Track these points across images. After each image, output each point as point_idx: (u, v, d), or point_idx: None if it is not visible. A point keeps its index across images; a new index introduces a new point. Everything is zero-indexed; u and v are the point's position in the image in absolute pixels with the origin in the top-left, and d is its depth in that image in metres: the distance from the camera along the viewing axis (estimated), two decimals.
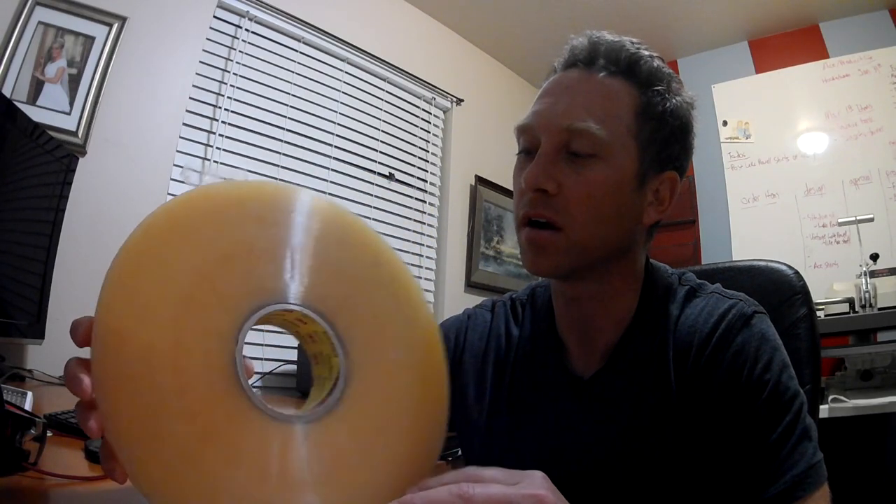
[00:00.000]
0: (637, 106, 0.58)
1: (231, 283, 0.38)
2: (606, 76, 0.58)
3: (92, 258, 1.51)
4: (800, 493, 0.50)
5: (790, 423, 0.52)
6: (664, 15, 2.67)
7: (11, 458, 0.47)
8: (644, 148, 0.58)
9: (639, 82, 0.59)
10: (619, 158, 0.57)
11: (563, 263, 0.58)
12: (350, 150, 2.27)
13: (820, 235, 2.46)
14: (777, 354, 0.55)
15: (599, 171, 0.56)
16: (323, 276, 0.42)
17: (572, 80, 0.59)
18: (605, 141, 0.56)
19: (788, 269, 0.77)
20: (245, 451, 0.36)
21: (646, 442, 0.57)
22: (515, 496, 0.35)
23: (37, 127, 1.21)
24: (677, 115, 0.60)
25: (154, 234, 0.36)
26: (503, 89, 3.02)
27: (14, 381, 1.15)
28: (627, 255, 0.62)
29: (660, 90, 0.59)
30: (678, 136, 0.61)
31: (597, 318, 0.63)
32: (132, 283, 0.35)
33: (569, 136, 0.56)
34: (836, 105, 2.51)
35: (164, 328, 0.35)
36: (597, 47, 0.60)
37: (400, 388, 0.43)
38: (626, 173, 0.57)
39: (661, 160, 0.60)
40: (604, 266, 0.60)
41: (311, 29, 2.14)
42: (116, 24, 1.62)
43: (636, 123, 0.58)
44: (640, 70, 0.59)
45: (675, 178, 0.61)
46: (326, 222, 0.44)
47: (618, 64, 0.59)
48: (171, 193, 1.72)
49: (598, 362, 0.62)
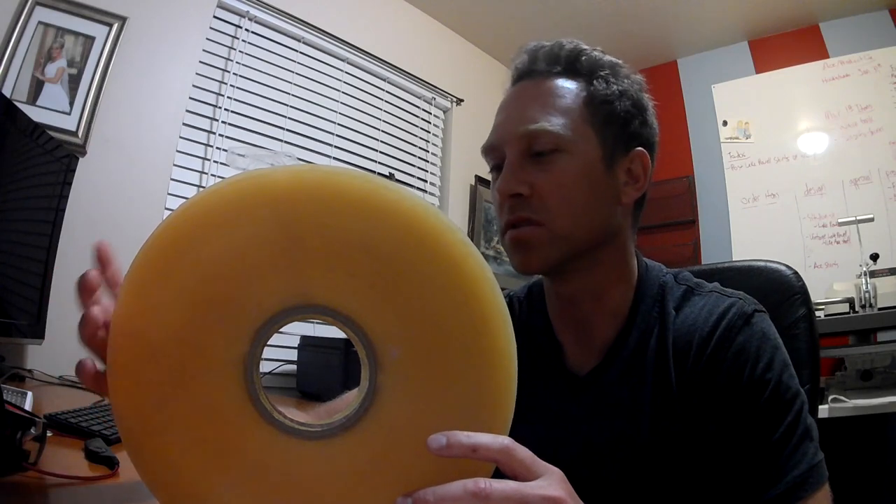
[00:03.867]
0: (585, 96, 0.61)
1: (250, 286, 0.36)
2: (550, 77, 0.62)
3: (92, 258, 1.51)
4: (801, 493, 0.50)
5: (791, 423, 0.52)
6: (664, 15, 2.66)
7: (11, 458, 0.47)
8: (602, 132, 0.60)
9: (582, 75, 0.62)
10: (581, 147, 0.59)
11: (550, 256, 0.59)
12: (350, 150, 2.27)
13: (820, 235, 2.46)
14: (778, 354, 0.55)
15: (565, 163, 0.58)
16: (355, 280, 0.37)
17: (518, 91, 0.64)
18: (562, 135, 0.58)
19: (787, 270, 0.77)
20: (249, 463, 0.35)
21: (644, 440, 0.57)
22: (532, 497, 0.34)
23: (37, 127, 1.21)
24: (628, 95, 0.62)
25: (175, 230, 0.36)
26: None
27: (14, 381, 1.16)
28: (615, 241, 0.62)
29: (603, 75, 0.62)
30: (633, 114, 0.62)
31: (592, 316, 0.63)
32: (148, 281, 0.35)
33: (528, 139, 0.59)
34: (836, 105, 2.51)
35: (174, 330, 0.35)
36: (535, 55, 0.64)
37: (440, 412, 0.37)
38: (591, 158, 0.60)
39: (625, 139, 0.62)
40: (592, 255, 0.60)
41: (311, 29, 2.14)
42: (116, 24, 1.62)
43: (588, 111, 0.60)
44: (581, 64, 0.62)
45: (644, 154, 0.63)
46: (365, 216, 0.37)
47: (558, 63, 0.62)
48: (171, 193, 1.72)
49: (594, 359, 0.62)
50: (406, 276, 0.37)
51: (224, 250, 0.36)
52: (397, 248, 0.37)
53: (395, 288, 0.37)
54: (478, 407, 0.38)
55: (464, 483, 0.34)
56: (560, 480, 0.37)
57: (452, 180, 2.65)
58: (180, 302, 0.35)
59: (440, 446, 0.34)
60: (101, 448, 0.60)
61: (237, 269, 0.36)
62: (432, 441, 0.35)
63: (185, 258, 0.35)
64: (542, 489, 0.35)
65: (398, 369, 0.37)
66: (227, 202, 0.36)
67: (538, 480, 0.36)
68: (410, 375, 0.37)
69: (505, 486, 0.34)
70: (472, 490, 0.33)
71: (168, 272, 0.35)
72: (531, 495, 0.34)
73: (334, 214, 0.36)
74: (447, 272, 0.37)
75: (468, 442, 0.35)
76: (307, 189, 0.36)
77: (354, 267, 0.36)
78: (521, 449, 0.36)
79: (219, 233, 0.36)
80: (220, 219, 0.36)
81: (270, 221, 0.36)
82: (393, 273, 0.37)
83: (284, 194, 0.36)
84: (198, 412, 0.35)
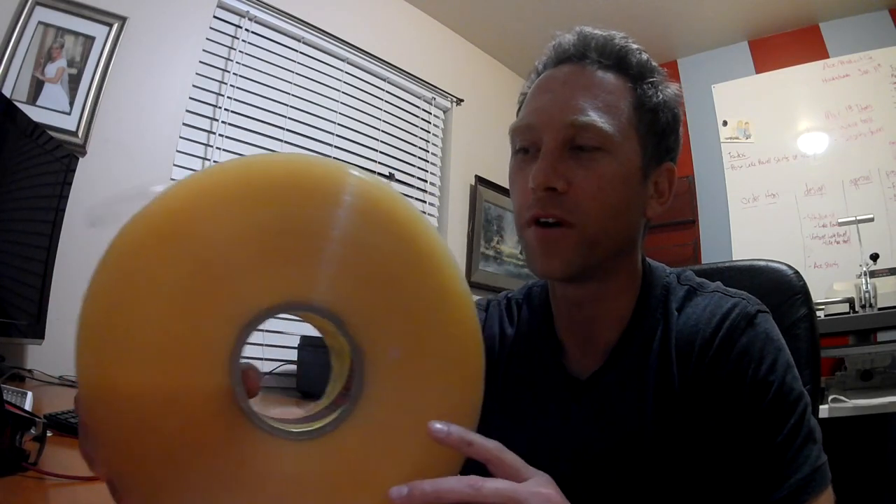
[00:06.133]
0: (633, 98, 0.58)
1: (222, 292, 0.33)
2: (600, 69, 0.58)
3: (92, 258, 1.51)
4: (805, 496, 0.49)
5: (795, 425, 0.51)
6: (664, 15, 2.66)
7: (11, 458, 0.47)
8: (644, 140, 0.58)
9: (631, 75, 0.59)
10: (625, 151, 0.56)
11: (574, 262, 0.56)
12: (350, 150, 2.27)
13: (820, 235, 2.46)
14: (781, 355, 0.54)
15: (607, 164, 0.55)
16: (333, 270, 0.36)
17: (567, 75, 0.58)
18: (609, 134, 0.55)
19: (788, 269, 0.77)
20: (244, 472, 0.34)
21: (647, 442, 0.56)
22: (524, 493, 0.35)
23: (37, 127, 1.21)
24: (669, 106, 0.60)
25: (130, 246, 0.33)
26: (503, 89, 3.01)
27: (14, 381, 1.15)
28: (632, 252, 0.61)
29: (652, 82, 0.59)
30: (672, 127, 0.61)
31: (598, 320, 0.62)
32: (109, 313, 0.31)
33: (574, 130, 0.55)
34: (836, 105, 2.51)
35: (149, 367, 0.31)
36: (587, 41, 0.59)
37: (424, 399, 0.38)
38: (632, 166, 0.57)
39: (660, 152, 0.60)
40: (610, 264, 0.59)
41: (311, 29, 2.14)
42: (116, 24, 1.62)
43: (635, 116, 0.57)
44: (631, 63, 0.59)
45: (673, 169, 0.62)
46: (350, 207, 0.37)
47: (609, 57, 0.58)
48: None
49: (596, 362, 0.62)
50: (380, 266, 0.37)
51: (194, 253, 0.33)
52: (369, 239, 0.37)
53: (372, 277, 0.37)
54: (454, 397, 0.40)
55: (459, 478, 0.36)
56: (549, 482, 0.38)
57: (452, 180, 2.65)
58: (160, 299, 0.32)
59: (441, 432, 0.37)
60: None
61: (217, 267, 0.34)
62: (435, 428, 0.37)
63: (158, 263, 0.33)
64: (534, 486, 0.36)
65: (386, 366, 0.37)
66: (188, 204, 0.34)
67: (527, 482, 0.37)
68: (396, 372, 0.38)
69: (497, 482, 0.36)
70: (466, 481, 0.35)
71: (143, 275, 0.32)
72: (524, 492, 0.35)
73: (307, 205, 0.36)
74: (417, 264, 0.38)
75: (466, 436, 0.37)
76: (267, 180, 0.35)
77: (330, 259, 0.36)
78: (511, 453, 0.39)
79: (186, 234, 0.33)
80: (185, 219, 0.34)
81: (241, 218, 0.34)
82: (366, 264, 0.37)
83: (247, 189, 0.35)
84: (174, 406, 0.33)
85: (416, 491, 0.34)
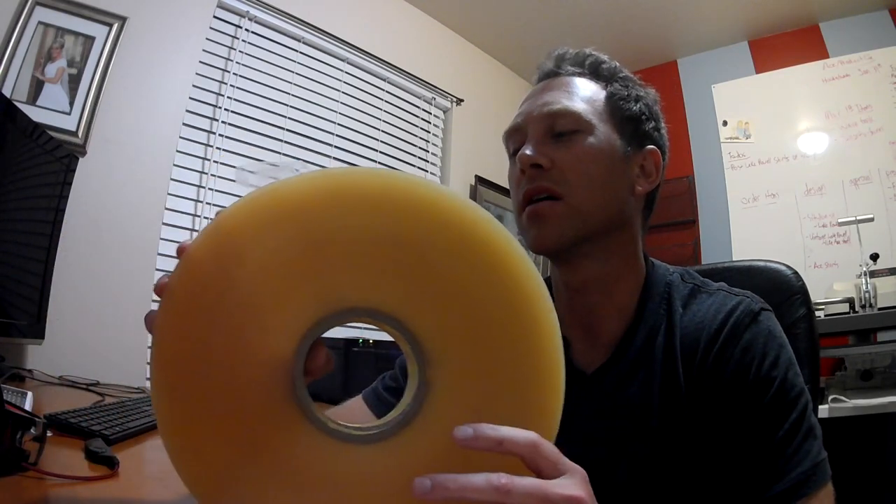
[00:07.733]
0: (605, 94, 0.65)
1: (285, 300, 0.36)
2: (574, 75, 0.66)
3: (92, 258, 1.51)
4: (805, 490, 0.50)
5: (796, 420, 0.52)
6: (664, 15, 2.66)
7: (11, 458, 0.47)
8: (621, 125, 0.64)
9: (604, 76, 0.66)
10: (602, 131, 0.62)
11: (566, 233, 0.60)
12: (350, 150, 2.27)
13: (820, 235, 2.46)
14: (784, 352, 0.56)
15: (586, 143, 0.61)
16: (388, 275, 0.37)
17: (546, 84, 0.67)
18: (584, 117, 0.62)
19: (787, 270, 0.77)
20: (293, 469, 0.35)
21: (653, 438, 0.57)
22: (554, 496, 0.33)
23: (37, 127, 1.21)
24: (643, 100, 0.66)
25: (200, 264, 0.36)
26: (503, 89, 3.02)
27: (14, 381, 1.15)
28: (626, 230, 0.64)
29: (622, 79, 0.66)
30: (648, 115, 0.66)
31: (600, 309, 0.63)
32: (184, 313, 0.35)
33: (552, 119, 0.62)
34: (836, 105, 2.51)
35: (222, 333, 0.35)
36: (562, 57, 0.68)
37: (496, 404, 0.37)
38: (610, 144, 0.62)
39: (639, 137, 0.65)
40: (603, 242, 0.61)
41: (311, 29, 2.14)
42: (116, 24, 1.62)
43: (608, 107, 0.64)
44: (603, 70, 0.66)
45: (657, 152, 0.66)
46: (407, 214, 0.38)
47: (583, 66, 0.67)
48: (171, 193, 1.72)
49: (601, 357, 0.62)
50: (439, 263, 0.37)
51: (252, 271, 0.35)
52: (425, 238, 0.37)
53: (430, 278, 0.37)
54: (527, 394, 0.37)
55: (487, 475, 0.33)
56: (583, 481, 0.36)
57: (452, 180, 2.65)
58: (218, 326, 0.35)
59: (466, 437, 0.34)
60: (101, 448, 0.60)
61: (268, 286, 0.35)
62: (458, 432, 0.34)
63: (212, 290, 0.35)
64: (564, 488, 0.34)
65: (448, 362, 0.37)
66: (244, 223, 0.36)
67: (561, 479, 0.35)
68: (459, 367, 0.37)
69: (528, 482, 0.33)
70: (494, 483, 0.32)
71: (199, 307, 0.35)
72: (553, 493, 0.33)
73: (354, 214, 0.36)
74: (479, 254, 0.37)
75: (494, 434, 0.34)
76: (322, 194, 0.36)
77: (385, 263, 0.37)
78: (548, 445, 0.36)
79: (243, 254, 0.35)
80: (241, 240, 0.35)
81: (292, 233, 0.36)
82: (425, 263, 0.37)
83: (301, 204, 0.36)
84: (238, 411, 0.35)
85: (439, 486, 0.33)
